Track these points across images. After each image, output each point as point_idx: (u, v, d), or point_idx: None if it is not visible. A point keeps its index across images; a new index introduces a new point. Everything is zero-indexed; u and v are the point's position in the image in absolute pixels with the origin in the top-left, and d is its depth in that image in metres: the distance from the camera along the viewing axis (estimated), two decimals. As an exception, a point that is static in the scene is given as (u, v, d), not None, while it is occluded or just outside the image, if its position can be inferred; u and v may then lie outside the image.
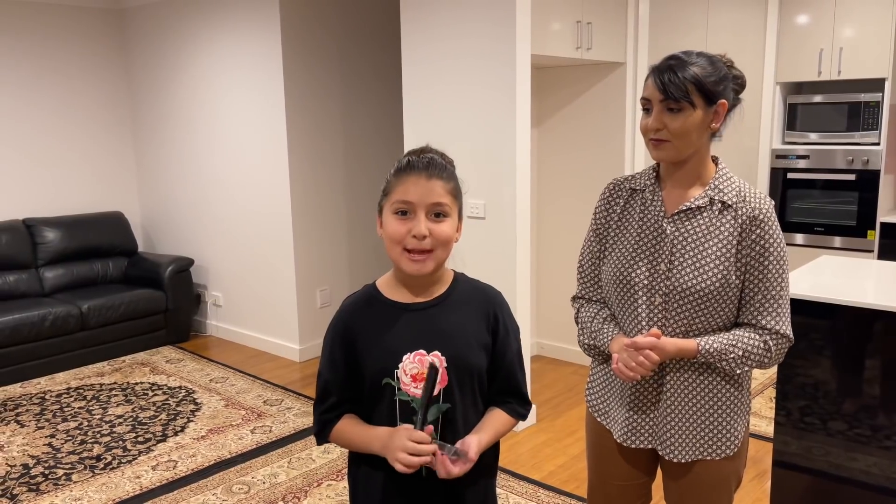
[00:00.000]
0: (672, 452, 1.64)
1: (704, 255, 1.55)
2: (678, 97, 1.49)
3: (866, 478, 2.68)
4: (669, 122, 1.51)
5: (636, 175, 1.70)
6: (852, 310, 2.60)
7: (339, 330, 1.44)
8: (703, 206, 1.57)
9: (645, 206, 1.64)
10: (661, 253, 1.58)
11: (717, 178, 1.59)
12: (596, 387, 1.78)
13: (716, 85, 1.52)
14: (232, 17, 4.75)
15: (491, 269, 3.58)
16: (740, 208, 1.56)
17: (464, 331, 1.43)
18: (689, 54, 1.55)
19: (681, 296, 1.56)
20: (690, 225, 1.58)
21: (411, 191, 1.35)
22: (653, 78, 1.53)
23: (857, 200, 4.31)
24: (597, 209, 1.74)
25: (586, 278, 1.77)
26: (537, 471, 3.22)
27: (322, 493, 3.06)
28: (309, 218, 4.76)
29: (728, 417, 1.63)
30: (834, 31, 4.26)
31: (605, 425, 1.74)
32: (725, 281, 1.55)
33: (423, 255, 1.36)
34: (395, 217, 1.36)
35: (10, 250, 4.86)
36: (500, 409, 1.50)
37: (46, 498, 3.07)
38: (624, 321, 1.65)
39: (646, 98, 1.55)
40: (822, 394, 2.72)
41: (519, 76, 3.39)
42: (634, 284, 1.60)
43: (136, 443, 3.58)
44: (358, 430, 1.42)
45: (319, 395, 1.46)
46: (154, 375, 4.55)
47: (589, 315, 1.73)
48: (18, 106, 5.18)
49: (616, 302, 1.67)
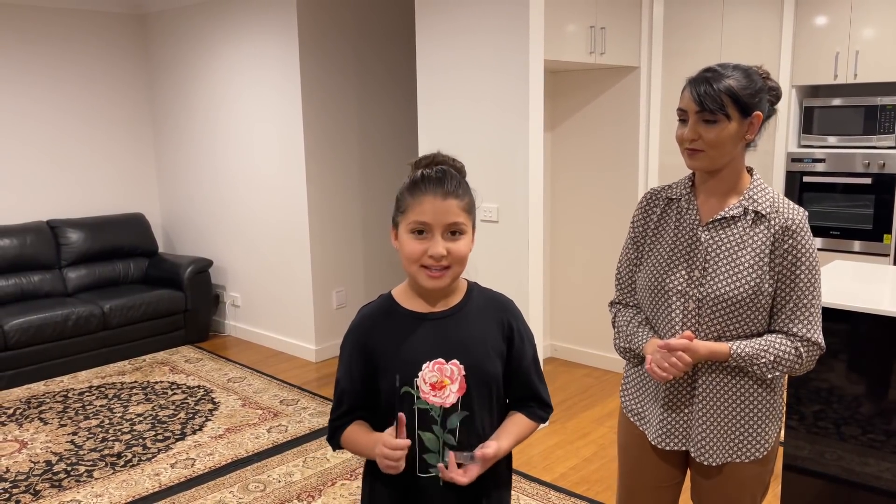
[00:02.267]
0: (703, 455, 1.66)
1: (738, 263, 1.58)
2: (714, 109, 1.52)
3: (878, 483, 2.68)
4: (705, 133, 1.55)
5: (673, 185, 1.73)
6: (869, 316, 2.60)
7: (358, 340, 1.47)
8: (737, 215, 1.60)
9: (681, 214, 1.67)
10: (695, 260, 1.62)
11: (752, 188, 1.63)
12: (630, 389, 1.81)
13: (751, 97, 1.56)
14: (250, 21, 4.83)
15: (504, 272, 3.61)
16: (773, 218, 1.59)
17: (481, 339, 1.46)
18: (726, 67, 1.59)
19: (714, 302, 1.59)
20: (725, 234, 1.61)
21: (427, 211, 1.36)
22: (689, 90, 1.57)
23: (874, 204, 4.28)
24: (634, 218, 1.78)
25: (623, 284, 1.81)
26: (549, 472, 3.24)
27: (336, 493, 3.11)
28: (325, 220, 4.83)
29: (760, 421, 1.66)
30: (850, 33, 4.24)
31: (640, 427, 1.77)
32: (758, 289, 1.57)
33: (440, 272, 1.38)
34: (412, 236, 1.38)
35: (34, 251, 4.97)
36: (520, 413, 1.52)
37: (68, 494, 3.15)
38: (659, 326, 1.69)
39: (682, 109, 1.59)
40: (837, 398, 2.72)
41: (532, 82, 3.42)
42: (669, 290, 1.64)
43: (155, 441, 3.65)
44: (361, 436, 1.46)
45: (335, 403, 1.51)
46: (173, 375, 4.63)
47: (625, 319, 1.77)
48: (43, 110, 5.29)
49: (651, 307, 1.70)
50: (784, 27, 4.39)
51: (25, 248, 4.93)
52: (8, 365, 4.40)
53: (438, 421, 1.42)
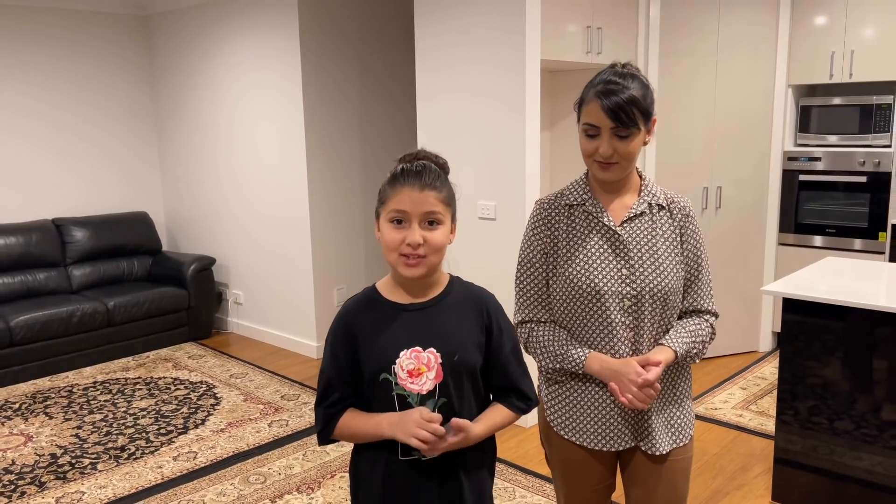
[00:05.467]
0: (653, 446, 1.72)
1: (659, 254, 1.67)
2: (629, 124, 1.56)
3: (870, 477, 2.72)
4: (620, 147, 1.59)
5: (564, 192, 1.75)
6: (865, 312, 2.64)
7: (341, 329, 1.53)
8: (644, 210, 1.70)
9: (589, 217, 1.70)
10: (621, 259, 1.66)
11: (646, 184, 1.73)
12: (557, 406, 1.77)
13: (650, 104, 1.62)
14: (252, 23, 4.89)
15: (501, 269, 3.66)
16: (672, 208, 1.72)
17: (458, 330, 1.51)
18: (623, 76, 1.59)
19: (650, 296, 1.65)
20: (639, 229, 1.68)
21: (405, 201, 1.43)
22: (599, 105, 1.57)
23: (869, 202, 4.32)
24: (535, 230, 1.73)
25: (532, 301, 1.74)
26: (544, 466, 3.29)
27: (335, 485, 3.16)
28: (326, 219, 4.89)
29: (687, 403, 1.79)
30: (846, 33, 4.27)
31: (576, 440, 1.75)
32: (679, 275, 1.69)
33: (417, 259, 1.44)
34: (391, 225, 1.45)
35: (40, 249, 5.05)
36: (500, 404, 1.57)
37: (73, 486, 3.21)
38: (592, 333, 1.68)
39: (592, 125, 1.60)
40: (832, 395, 2.76)
41: (528, 81, 3.47)
42: (603, 293, 1.64)
43: (158, 434, 3.72)
44: (365, 418, 1.50)
45: (322, 393, 1.54)
46: (176, 370, 4.70)
47: (546, 338, 1.72)
48: (49, 110, 5.36)
49: (579, 316, 1.68)
50: (780, 27, 4.43)
51: (31, 246, 5.00)
52: (14, 361, 4.48)
53: (415, 407, 1.46)
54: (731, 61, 4.41)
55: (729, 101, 4.46)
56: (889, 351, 2.63)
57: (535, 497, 3.02)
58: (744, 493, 3.06)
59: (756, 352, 4.81)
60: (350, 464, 1.61)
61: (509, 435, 3.61)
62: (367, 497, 1.54)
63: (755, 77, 4.49)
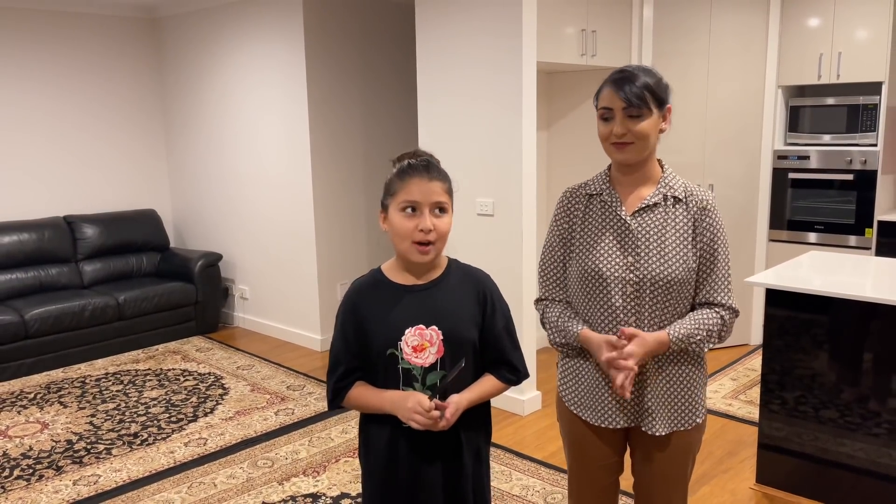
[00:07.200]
0: (653, 427, 1.83)
1: (666, 244, 1.76)
2: (639, 104, 1.70)
3: (851, 461, 2.85)
4: (632, 127, 1.71)
5: (588, 182, 1.89)
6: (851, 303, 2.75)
7: (350, 307, 1.68)
8: (658, 201, 1.79)
9: (605, 206, 1.83)
10: (627, 246, 1.78)
11: (666, 177, 1.81)
12: (567, 380, 1.93)
13: (664, 91, 1.74)
14: (258, 26, 5.03)
15: (499, 263, 3.80)
16: (690, 201, 1.79)
17: (458, 308, 1.67)
18: (636, 68, 1.75)
19: (651, 284, 1.75)
20: (650, 219, 1.78)
21: (415, 191, 1.58)
22: (612, 89, 1.72)
23: (856, 200, 4.46)
24: (558, 216, 1.89)
25: (550, 281, 1.91)
26: (540, 451, 3.44)
27: (340, 469, 3.31)
28: (330, 216, 5.03)
29: (695, 391, 1.85)
30: (833, 36, 4.41)
31: (580, 415, 1.90)
32: (687, 266, 1.76)
33: (428, 246, 1.60)
34: (403, 214, 1.60)
35: (52, 245, 5.19)
36: (491, 375, 1.73)
37: (89, 469, 3.36)
38: (596, 315, 1.81)
39: (607, 108, 1.74)
40: (818, 385, 2.88)
41: (525, 83, 3.61)
42: (607, 278, 1.78)
43: (169, 422, 3.86)
44: (371, 393, 1.66)
45: (332, 365, 1.70)
46: (185, 363, 4.84)
47: (554, 314, 1.88)
48: (60, 110, 5.51)
49: (587, 298, 1.81)
50: (770, 29, 4.57)
51: (44, 243, 5.15)
52: (28, 353, 4.63)
53: (419, 379, 1.63)
54: (723, 63, 4.54)
55: (720, 102, 4.59)
56: (862, 338, 2.76)
57: (531, 479, 3.17)
58: (730, 475, 3.20)
59: (747, 345, 4.95)
60: (359, 431, 1.77)
61: (506, 423, 3.75)
62: (376, 459, 1.70)
63: (746, 78, 4.62)
